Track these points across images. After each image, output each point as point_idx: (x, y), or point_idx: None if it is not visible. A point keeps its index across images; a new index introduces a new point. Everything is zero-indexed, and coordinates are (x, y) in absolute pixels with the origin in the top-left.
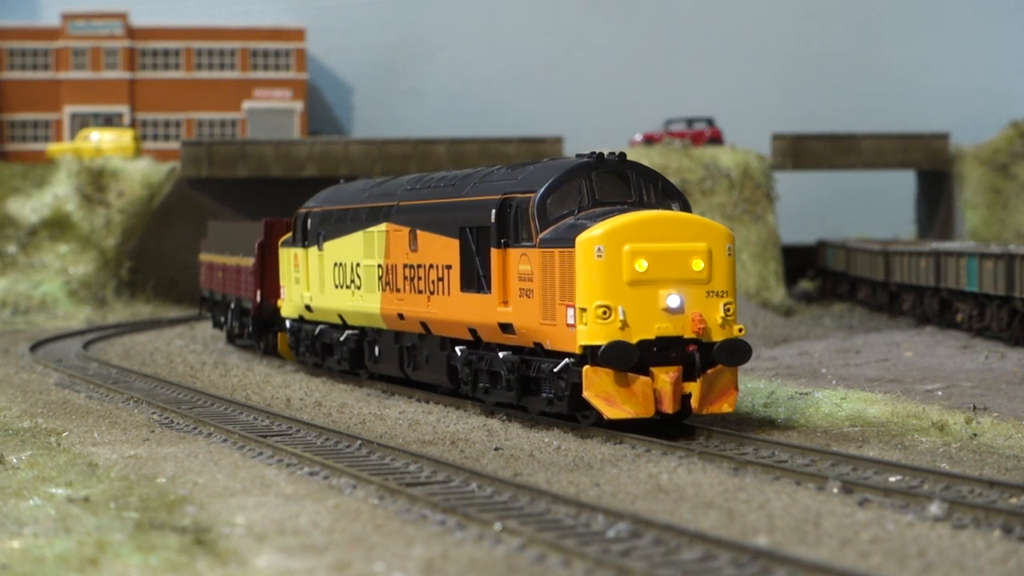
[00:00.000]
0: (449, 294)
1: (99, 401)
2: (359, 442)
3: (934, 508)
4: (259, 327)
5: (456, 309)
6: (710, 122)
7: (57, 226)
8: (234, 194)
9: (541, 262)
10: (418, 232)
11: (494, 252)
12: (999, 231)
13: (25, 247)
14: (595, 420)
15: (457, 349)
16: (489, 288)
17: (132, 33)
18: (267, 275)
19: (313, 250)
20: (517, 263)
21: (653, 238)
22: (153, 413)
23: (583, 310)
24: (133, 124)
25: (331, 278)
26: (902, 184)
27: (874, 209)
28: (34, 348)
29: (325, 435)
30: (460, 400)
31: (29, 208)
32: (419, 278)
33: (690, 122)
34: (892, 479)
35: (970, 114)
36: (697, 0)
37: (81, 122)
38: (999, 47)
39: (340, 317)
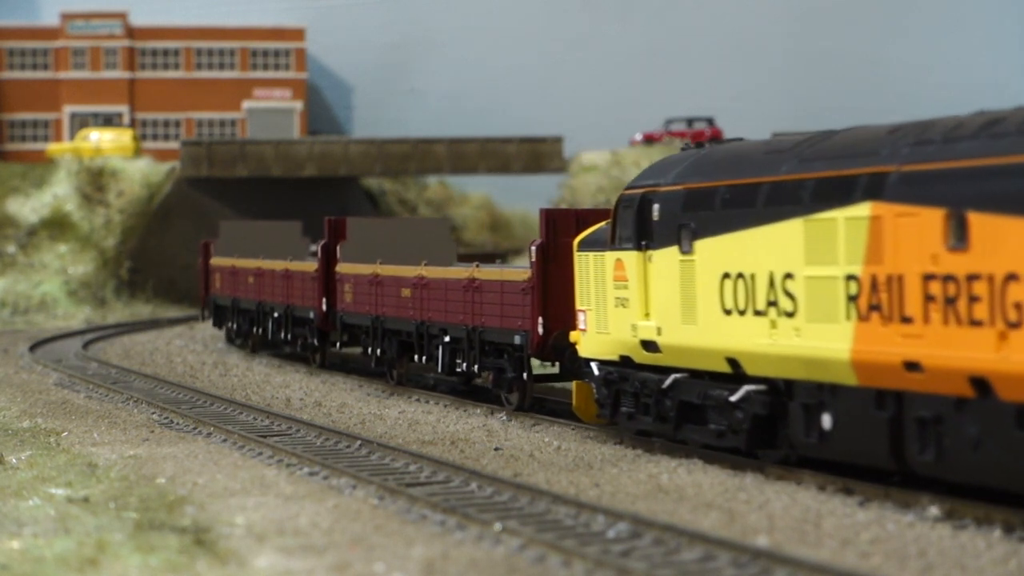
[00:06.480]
0: None
1: (99, 401)
2: (359, 442)
3: (934, 508)
4: (531, 371)
5: None
6: (710, 122)
7: (57, 226)
8: (234, 194)
9: None
10: (969, 216)
11: None
12: None
13: (25, 247)
14: None
15: None
16: None
17: (132, 33)
18: (551, 293)
19: (665, 253)
20: None
21: None
22: (153, 413)
23: None
24: (133, 124)
25: (715, 298)
26: None
27: None
28: (34, 348)
29: (325, 435)
30: (460, 400)
31: (29, 208)
32: (973, 298)
33: (690, 122)
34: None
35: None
36: (697, 0)
37: (81, 122)
38: (999, 47)
39: (731, 363)
